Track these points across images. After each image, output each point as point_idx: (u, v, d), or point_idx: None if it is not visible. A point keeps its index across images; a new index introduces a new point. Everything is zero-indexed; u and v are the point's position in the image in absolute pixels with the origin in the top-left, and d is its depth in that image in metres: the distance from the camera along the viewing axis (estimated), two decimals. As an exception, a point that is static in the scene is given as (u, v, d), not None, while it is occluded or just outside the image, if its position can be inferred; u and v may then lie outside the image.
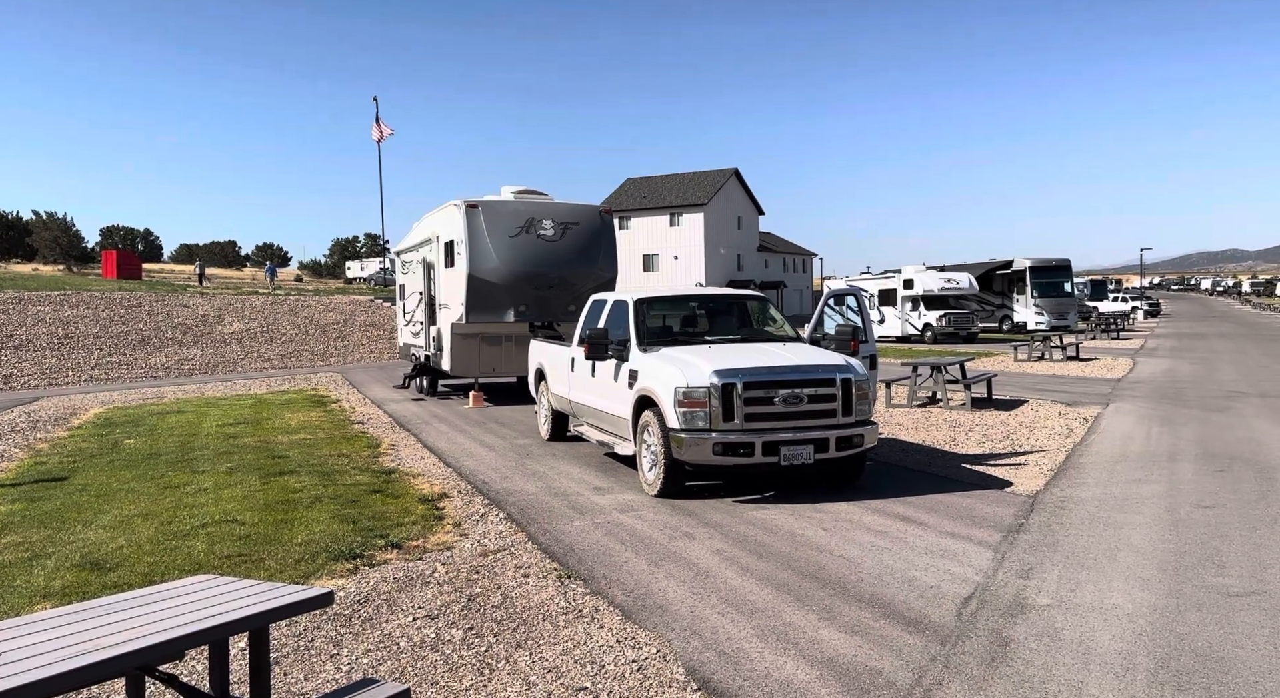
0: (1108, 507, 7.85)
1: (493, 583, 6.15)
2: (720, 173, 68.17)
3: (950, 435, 12.17)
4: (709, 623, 5.27)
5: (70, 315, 31.39)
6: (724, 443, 8.09)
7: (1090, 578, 5.89)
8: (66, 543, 7.24)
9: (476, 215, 15.32)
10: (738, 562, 6.48)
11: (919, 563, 6.32)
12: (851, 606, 5.50)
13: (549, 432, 12.29)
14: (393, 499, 8.78)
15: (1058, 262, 43.69)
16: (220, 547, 7.05)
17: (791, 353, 8.97)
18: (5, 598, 5.85)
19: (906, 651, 4.77)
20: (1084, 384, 18.75)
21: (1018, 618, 5.20)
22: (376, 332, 37.20)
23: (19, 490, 9.46)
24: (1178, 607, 5.32)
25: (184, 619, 3.15)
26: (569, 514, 8.07)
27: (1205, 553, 6.40)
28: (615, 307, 10.24)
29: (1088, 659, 4.58)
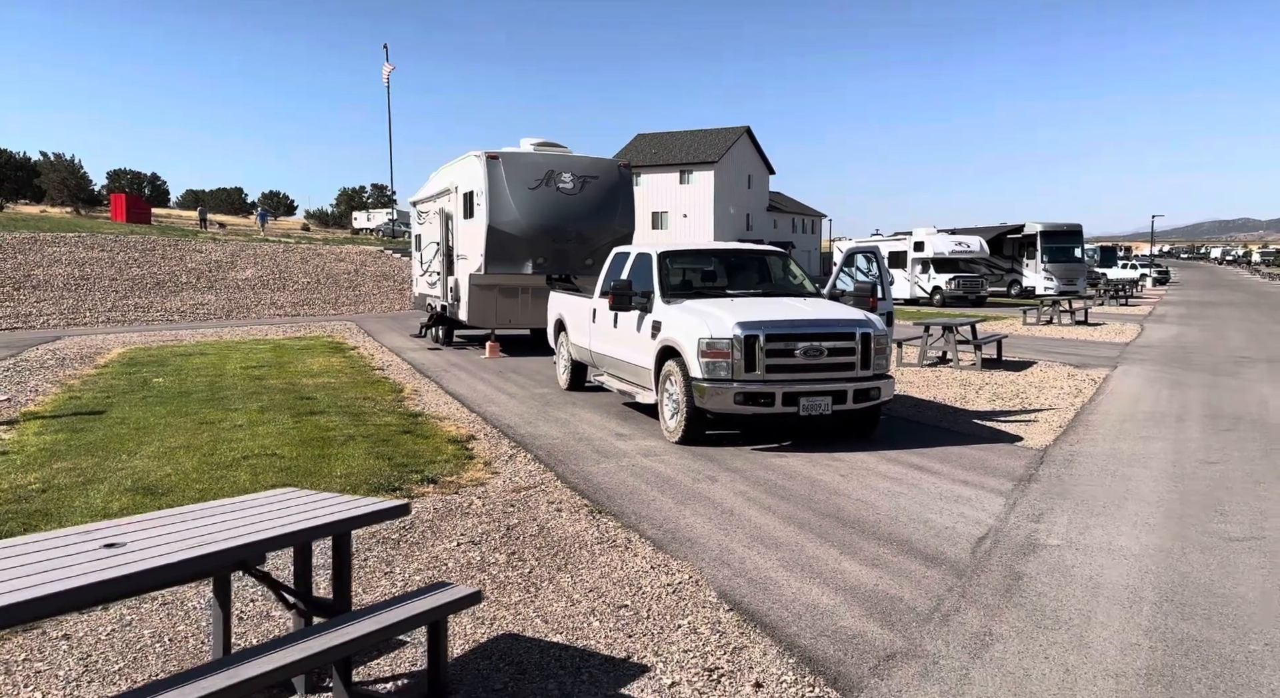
0: (1116, 461, 8.14)
1: (528, 515, 6.47)
2: (732, 130, 67.77)
3: (961, 393, 12.44)
4: (736, 555, 5.59)
5: (85, 257, 31.63)
6: (745, 393, 8.37)
7: (1099, 523, 6.19)
8: (115, 470, 7.56)
9: (497, 167, 15.46)
10: (760, 503, 6.79)
11: (934, 507, 6.62)
12: (870, 542, 5.81)
13: (568, 381, 12.57)
14: (423, 439, 9.09)
15: (1069, 227, 43.64)
16: (263, 477, 7.37)
17: (812, 307, 9.21)
18: (69, 517, 6.17)
19: (924, 582, 5.08)
20: (1092, 348, 18.98)
21: (1030, 556, 5.51)
22: (387, 282, 37.42)
23: (60, 422, 9.78)
24: (1181, 549, 5.62)
25: (278, 522, 3.45)
26: (594, 457, 8.37)
27: (1208, 503, 6.69)
28: (639, 259, 10.45)
29: (1096, 592, 4.89)
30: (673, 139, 67.95)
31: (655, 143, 67.76)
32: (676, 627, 4.51)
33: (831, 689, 3.84)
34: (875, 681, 3.90)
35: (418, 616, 3.46)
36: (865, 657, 4.13)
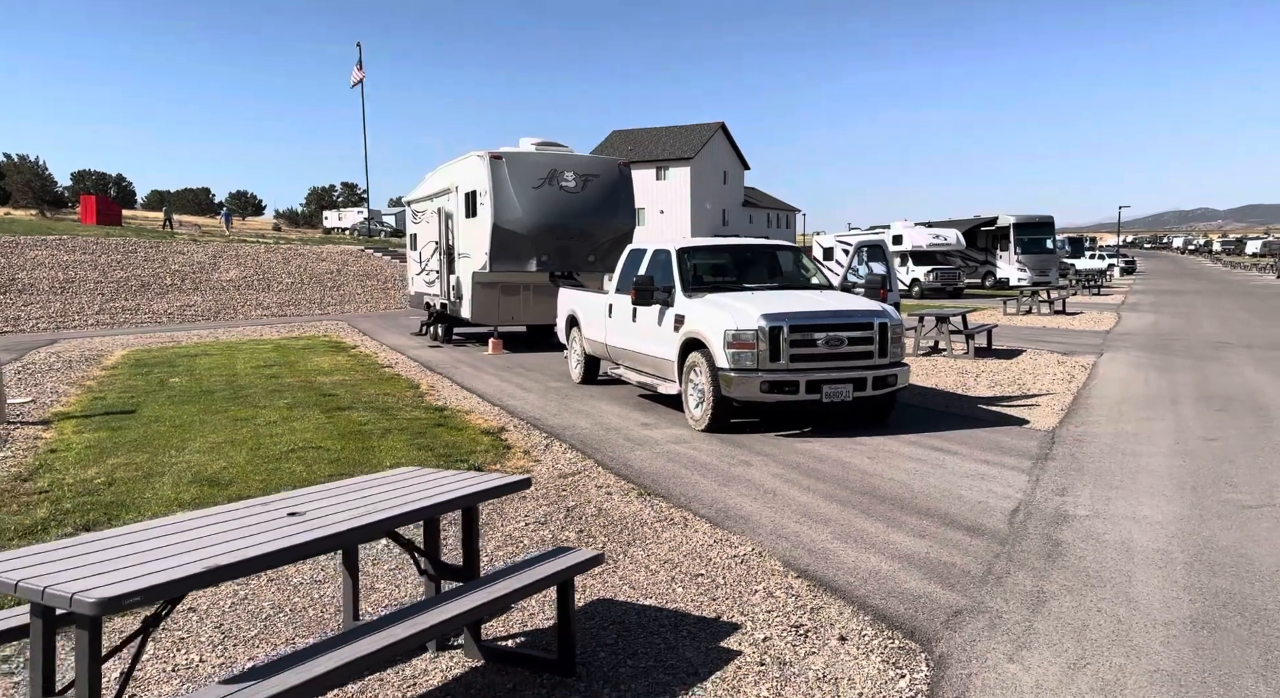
0: (1123, 439, 8.62)
1: (583, 498, 6.82)
2: (707, 126, 68.26)
3: (960, 381, 12.93)
4: (790, 529, 5.97)
5: (69, 260, 31.44)
6: (770, 381, 8.76)
7: (1119, 495, 6.64)
8: (170, 465, 7.81)
9: (500, 166, 15.74)
10: (798, 483, 7.18)
11: (963, 484, 7.05)
12: (912, 517, 6.21)
13: (581, 375, 12.90)
14: (456, 431, 9.40)
15: (1041, 219, 44.53)
16: (316, 468, 7.66)
17: (830, 299, 9.62)
18: (145, 508, 6.43)
19: (972, 549, 5.50)
20: (1075, 336, 19.60)
21: (1063, 525, 5.94)
22: (371, 282, 37.47)
23: (94, 421, 9.97)
24: (1200, 516, 6.08)
25: (421, 494, 3.78)
26: (627, 445, 8.73)
27: (1217, 475, 7.18)
28: (656, 255, 10.81)
29: (1131, 555, 5.33)
30: (648, 136, 68.32)
31: (631, 139, 68.08)
32: (753, 591, 4.89)
33: (910, 641, 4.23)
34: (949, 633, 4.30)
35: (548, 577, 3.80)
36: (935, 613, 4.53)
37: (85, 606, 2.47)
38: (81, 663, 2.62)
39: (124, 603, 2.51)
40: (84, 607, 2.47)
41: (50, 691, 2.74)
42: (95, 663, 2.62)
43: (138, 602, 2.54)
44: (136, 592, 2.54)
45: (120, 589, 2.53)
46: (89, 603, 2.47)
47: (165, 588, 2.62)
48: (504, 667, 3.99)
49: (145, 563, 2.77)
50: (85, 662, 2.61)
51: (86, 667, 2.60)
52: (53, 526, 6.00)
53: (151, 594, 2.58)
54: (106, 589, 2.53)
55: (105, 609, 2.48)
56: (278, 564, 3.07)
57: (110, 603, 2.48)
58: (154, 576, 2.66)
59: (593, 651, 4.13)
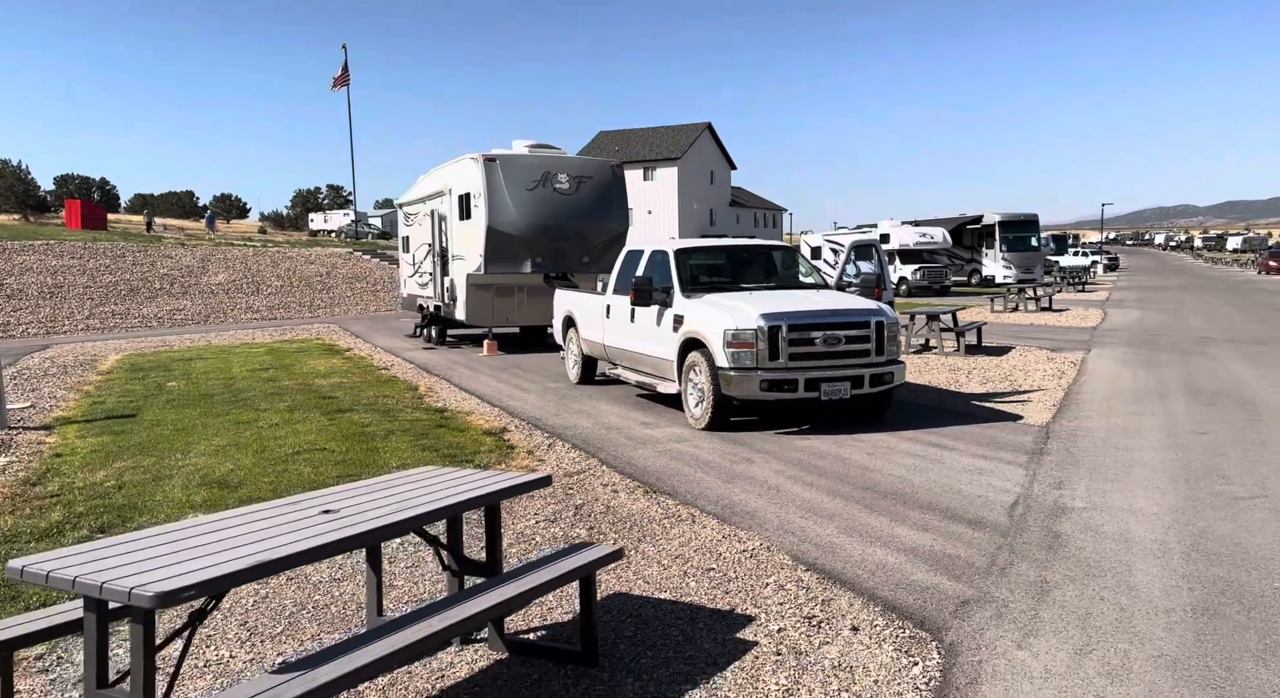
0: (1115, 434, 8.79)
1: (589, 496, 6.92)
2: (693, 126, 68.43)
3: (952, 378, 13.09)
4: (796, 524, 6.09)
5: (57, 265, 31.31)
6: (770, 380, 8.88)
7: (1115, 488, 6.80)
8: (178, 468, 7.87)
9: (495, 169, 15.83)
10: (800, 480, 7.31)
11: (962, 479, 7.19)
12: (914, 511, 6.35)
13: (578, 376, 13.00)
14: (459, 432, 9.48)
15: (1026, 217, 44.88)
16: (323, 470, 7.73)
17: (826, 298, 9.76)
18: (158, 510, 6.50)
19: (975, 542, 5.63)
20: (1062, 333, 19.82)
21: (1061, 518, 6.09)
22: (360, 284, 37.46)
23: (98, 425, 10.01)
24: (1194, 508, 6.24)
25: (446, 493, 3.88)
26: (630, 444, 8.83)
27: (1209, 468, 7.34)
28: (654, 257, 10.92)
29: (1129, 545, 5.47)
30: (635, 136, 68.44)
31: (618, 140, 68.18)
32: (764, 585, 5.00)
33: (921, 630, 4.36)
34: (958, 622, 4.43)
35: (571, 572, 3.90)
36: (943, 603, 4.66)
37: (143, 599, 2.56)
38: (137, 654, 2.71)
39: (180, 596, 2.60)
40: (142, 601, 2.56)
41: (104, 682, 2.82)
42: (150, 654, 2.71)
43: (192, 595, 2.64)
44: (191, 586, 2.63)
45: (175, 583, 2.63)
46: (147, 597, 2.56)
47: (217, 582, 2.72)
48: (528, 659, 4.10)
49: (194, 559, 2.86)
50: (140, 653, 2.70)
51: (142, 657, 2.69)
52: (68, 528, 6.06)
53: (204, 588, 2.68)
54: (162, 583, 2.62)
55: (162, 603, 2.57)
56: (317, 559, 3.16)
57: (167, 597, 2.57)
58: (205, 570, 2.75)
59: (613, 643, 4.24)
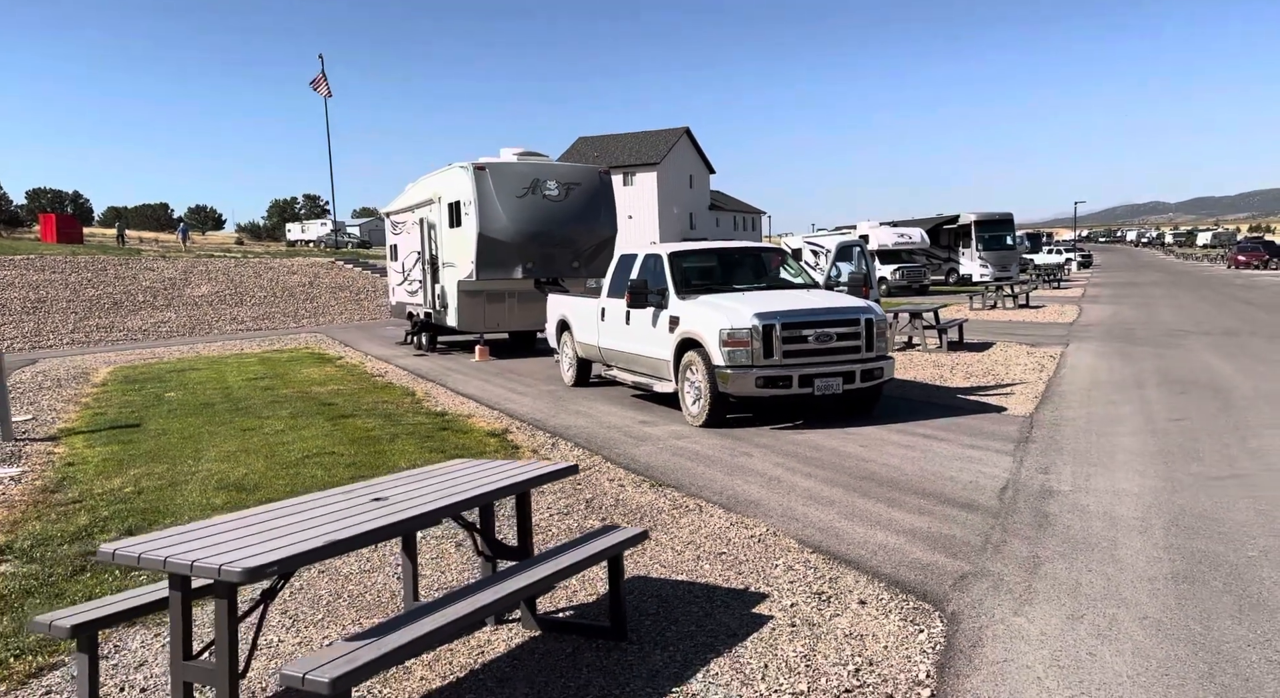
0: (1095, 422, 9.16)
1: (598, 490, 7.19)
2: (672, 132, 68.86)
3: (937, 373, 13.46)
4: (798, 511, 6.39)
5: (38, 280, 31.22)
6: (765, 377, 9.19)
7: (1098, 472, 7.14)
8: (192, 473, 8.07)
9: (485, 177, 16.07)
10: (799, 471, 7.61)
11: (953, 466, 7.52)
12: (909, 496, 6.66)
13: (573, 378, 13.26)
14: (462, 434, 9.73)
15: (1001, 216, 45.59)
16: (335, 472, 7.96)
17: (817, 297, 10.08)
18: (181, 512, 6.71)
19: (968, 523, 5.95)
20: (1041, 328, 20.28)
21: (1049, 499, 6.42)
22: (344, 293, 37.53)
23: (103, 435, 10.17)
24: (1173, 488, 6.59)
25: (481, 481, 4.14)
26: (631, 442, 9.11)
27: (1185, 452, 7.71)
28: (648, 260, 11.21)
29: (1114, 523, 5.81)
30: (614, 142, 68.77)
31: (597, 146, 68.49)
32: (774, 566, 5.30)
33: (924, 602, 4.66)
34: (957, 594, 4.74)
35: (599, 553, 4.17)
36: (943, 578, 4.97)
37: (232, 574, 2.82)
38: (221, 627, 2.96)
39: (264, 572, 2.86)
40: (231, 576, 2.82)
41: (188, 655, 3.07)
42: (233, 625, 2.97)
43: (274, 571, 2.89)
44: (273, 562, 2.89)
45: (259, 561, 2.88)
46: (236, 572, 2.82)
47: (295, 559, 2.97)
48: (560, 635, 4.37)
49: (269, 541, 3.12)
50: (224, 625, 2.95)
51: (225, 629, 2.95)
52: (96, 531, 6.26)
53: (285, 564, 2.93)
54: (248, 561, 2.87)
55: (250, 578, 2.83)
56: (377, 541, 3.42)
57: (254, 572, 2.83)
58: (282, 549, 3.01)
59: (638, 620, 4.52)
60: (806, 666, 3.99)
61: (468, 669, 4.04)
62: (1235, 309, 23.74)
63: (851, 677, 3.88)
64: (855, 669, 3.94)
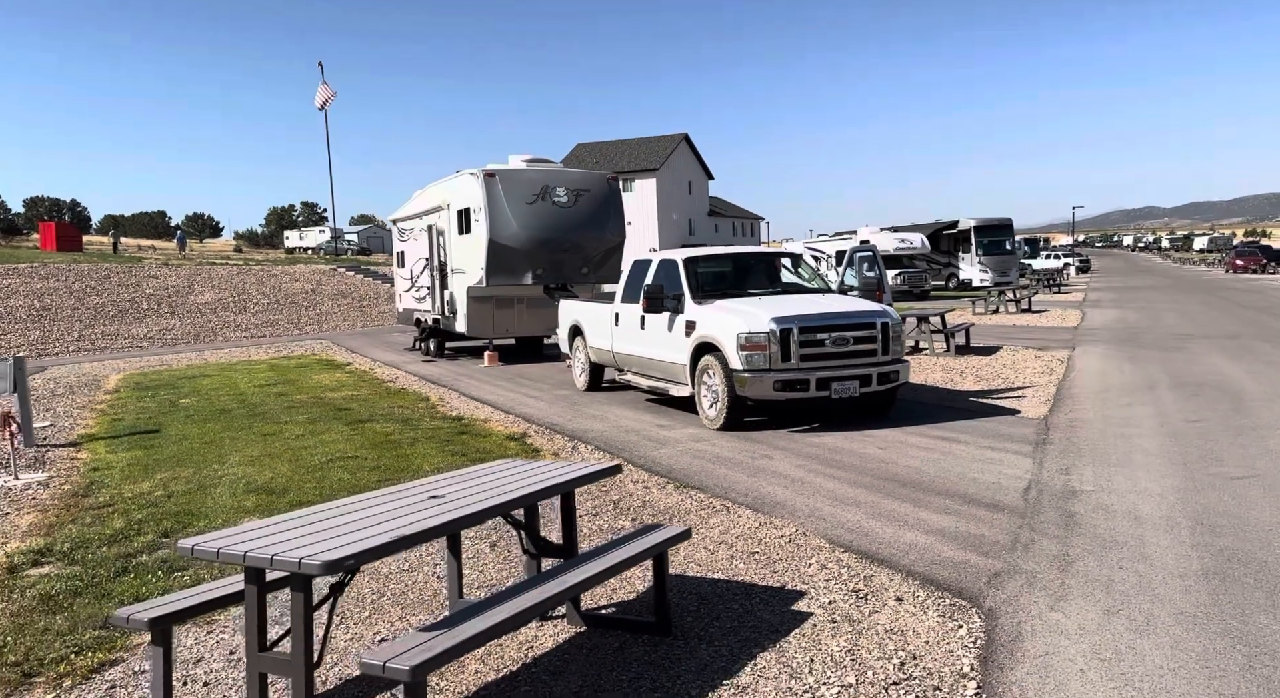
0: (1111, 424, 9.25)
1: (624, 492, 7.27)
2: (671, 138, 69.05)
3: (947, 377, 13.55)
4: (825, 512, 6.48)
5: (42, 288, 31.28)
6: (783, 380, 9.28)
7: (1118, 473, 7.23)
8: (219, 477, 8.14)
9: (495, 184, 16.17)
10: (821, 473, 7.69)
11: (974, 468, 7.61)
12: (934, 497, 6.75)
13: (586, 382, 13.34)
14: (482, 438, 9.80)
15: (1000, 221, 45.78)
16: (361, 475, 8.03)
17: (833, 302, 10.18)
18: (213, 515, 6.78)
19: (996, 522, 6.04)
20: (1045, 333, 20.38)
21: (1073, 499, 6.51)
22: (346, 300, 37.61)
23: (124, 441, 10.24)
24: (1195, 488, 6.68)
25: (529, 481, 4.22)
26: (650, 445, 9.19)
27: (1203, 453, 7.80)
28: (662, 266, 11.30)
29: (1139, 522, 5.90)
30: (613, 148, 68.94)
31: (596, 152, 68.65)
32: (807, 565, 5.38)
33: (960, 599, 4.74)
34: (992, 591, 4.82)
35: (645, 551, 4.25)
36: (977, 576, 5.05)
37: (312, 567, 2.90)
38: (297, 618, 3.04)
39: (342, 565, 2.94)
40: (311, 569, 2.90)
41: (263, 646, 3.15)
42: (309, 615, 3.05)
43: (351, 564, 2.97)
44: (350, 556, 2.97)
45: (336, 554, 2.96)
46: (316, 565, 2.90)
47: (369, 553, 3.05)
48: (605, 631, 4.44)
49: (340, 536, 3.20)
50: (300, 615, 3.04)
51: (301, 619, 3.03)
52: (132, 534, 6.33)
53: (361, 558, 3.01)
54: (325, 554, 2.95)
55: (329, 570, 2.91)
56: (440, 536, 3.49)
57: (332, 565, 2.91)
58: (355, 544, 3.09)
59: (680, 616, 4.59)
60: (851, 659, 4.07)
61: (519, 663, 4.12)
62: (1238, 313, 23.87)
63: (897, 670, 3.96)
64: (900, 663, 4.02)
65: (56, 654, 4.23)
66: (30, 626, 4.63)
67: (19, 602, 5.01)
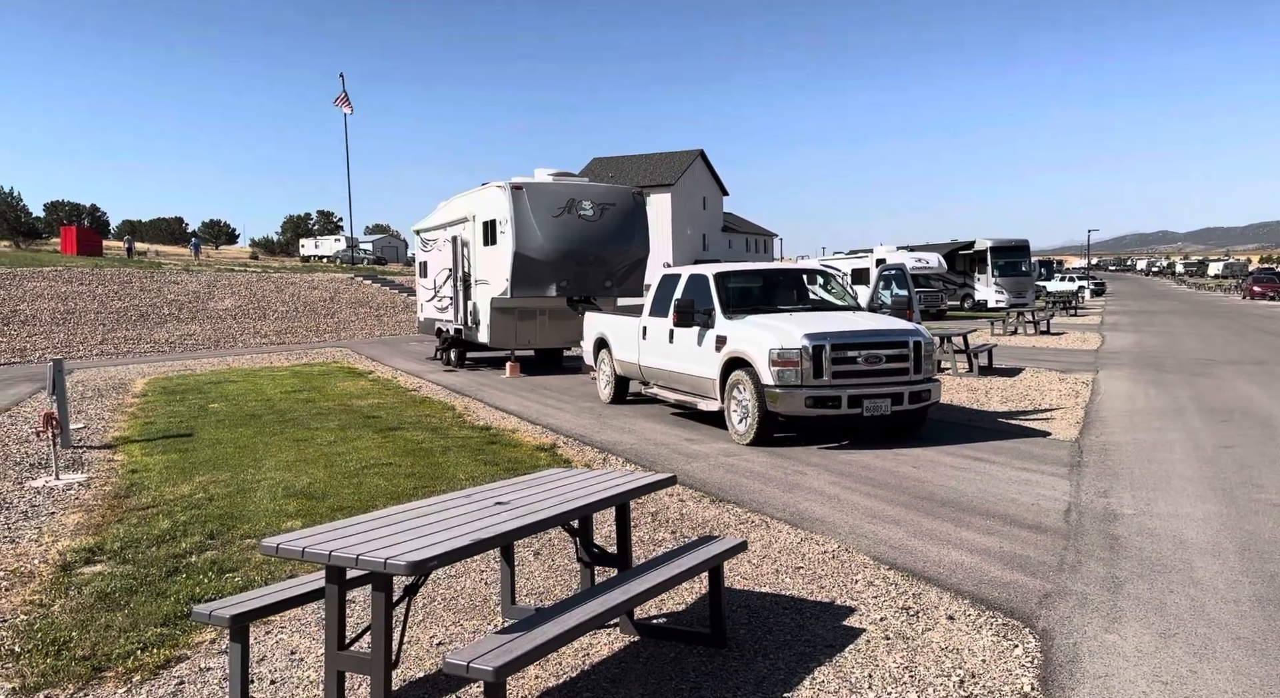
0: (1144, 448, 9.23)
1: (660, 505, 7.29)
2: (686, 154, 69.33)
3: (973, 397, 13.54)
4: (865, 529, 6.48)
5: (67, 292, 31.53)
6: (814, 397, 9.29)
7: (1158, 496, 7.22)
8: (258, 481, 8.19)
9: (521, 197, 16.27)
10: (856, 490, 7.70)
11: (1011, 489, 7.60)
12: (974, 517, 6.74)
13: (610, 395, 13.37)
14: (512, 448, 9.84)
15: (1017, 242, 45.75)
16: (397, 482, 8.07)
17: (864, 319, 10.20)
18: (256, 519, 6.83)
19: (1040, 543, 6.03)
20: (1067, 355, 20.34)
21: (1115, 522, 6.50)
22: (364, 309, 37.79)
23: (159, 444, 10.31)
24: (1238, 513, 6.66)
25: (587, 491, 4.26)
26: (681, 458, 9.21)
27: (1241, 478, 7.78)
28: (692, 280, 11.35)
29: (1184, 546, 5.89)
30: (629, 163, 69.24)
31: (611, 167, 68.94)
32: (854, 581, 5.38)
33: (1012, 619, 4.74)
34: (1045, 611, 4.82)
35: (701, 563, 4.27)
36: (1027, 596, 5.05)
37: (398, 567, 2.93)
38: (378, 616, 3.08)
39: (428, 566, 2.97)
40: (397, 569, 2.94)
41: (342, 645, 3.18)
42: (389, 613, 3.09)
43: (435, 565, 3.01)
44: (434, 557, 3.01)
45: (420, 555, 3.00)
46: (401, 565, 2.93)
47: (453, 554, 3.09)
48: (658, 641, 4.46)
49: (419, 538, 3.23)
50: (381, 613, 3.07)
51: (383, 616, 3.07)
52: (180, 535, 6.38)
53: (444, 558, 3.05)
54: (410, 555, 2.99)
55: (414, 571, 2.94)
56: (512, 541, 3.55)
57: (418, 566, 2.95)
58: (437, 546, 3.13)
59: (732, 629, 4.61)
60: (910, 676, 4.08)
61: (578, 670, 4.13)
62: (1259, 339, 23.77)
63: (958, 688, 3.96)
64: (960, 681, 4.03)
65: (122, 650, 4.27)
66: (92, 622, 4.67)
67: (77, 599, 5.06)
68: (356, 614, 4.71)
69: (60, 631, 4.61)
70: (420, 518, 3.55)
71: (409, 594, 3.40)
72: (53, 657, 4.27)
